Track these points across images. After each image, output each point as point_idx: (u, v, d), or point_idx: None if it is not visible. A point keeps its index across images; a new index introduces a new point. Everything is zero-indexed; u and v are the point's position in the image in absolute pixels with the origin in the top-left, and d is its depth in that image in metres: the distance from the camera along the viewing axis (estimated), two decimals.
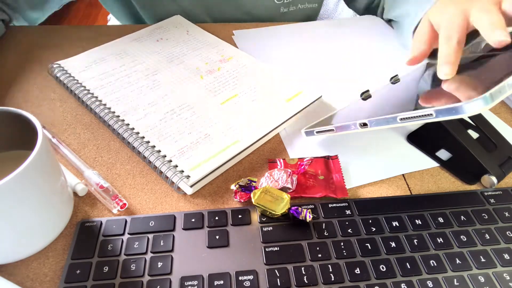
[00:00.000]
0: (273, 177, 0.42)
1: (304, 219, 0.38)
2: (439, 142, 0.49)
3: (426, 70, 0.55)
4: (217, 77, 0.56)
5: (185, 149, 0.44)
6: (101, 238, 0.38)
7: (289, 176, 0.42)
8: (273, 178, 0.42)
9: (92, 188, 0.42)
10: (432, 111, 0.35)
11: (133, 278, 0.35)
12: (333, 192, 0.43)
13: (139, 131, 0.46)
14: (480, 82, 0.37)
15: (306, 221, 0.39)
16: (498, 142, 0.46)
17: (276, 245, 0.38)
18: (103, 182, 0.42)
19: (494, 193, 0.44)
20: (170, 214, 0.40)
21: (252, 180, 0.41)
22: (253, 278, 0.35)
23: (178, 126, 0.47)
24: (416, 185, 0.45)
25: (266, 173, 0.43)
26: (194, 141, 0.46)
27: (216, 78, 0.55)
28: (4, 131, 0.37)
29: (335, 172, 0.45)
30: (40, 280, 0.35)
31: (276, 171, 0.43)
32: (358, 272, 0.36)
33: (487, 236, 0.39)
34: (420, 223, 0.40)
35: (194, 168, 0.42)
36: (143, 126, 0.47)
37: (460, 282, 0.36)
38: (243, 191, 0.41)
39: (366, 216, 0.40)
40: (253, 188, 0.41)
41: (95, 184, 0.42)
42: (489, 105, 0.33)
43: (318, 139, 0.49)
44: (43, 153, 0.33)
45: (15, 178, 0.31)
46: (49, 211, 0.36)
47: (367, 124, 0.41)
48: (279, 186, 0.41)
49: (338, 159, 0.46)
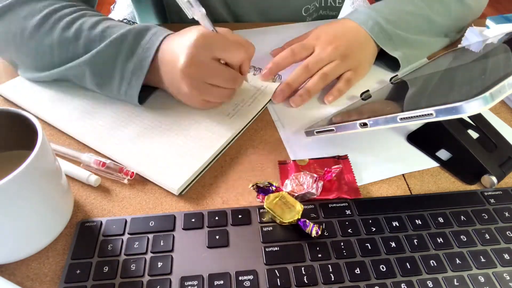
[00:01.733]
0: (299, 180, 0.42)
1: (309, 233, 0.38)
2: (439, 142, 0.49)
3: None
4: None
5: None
6: (101, 238, 0.38)
7: (315, 181, 0.41)
8: (298, 181, 0.42)
9: (94, 168, 0.42)
10: (432, 111, 0.35)
11: (133, 278, 0.35)
12: (346, 193, 0.42)
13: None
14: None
15: (311, 235, 0.38)
16: (498, 142, 0.46)
17: (276, 245, 0.38)
18: (103, 159, 0.42)
19: (494, 193, 0.44)
20: (170, 214, 0.40)
21: (271, 183, 0.41)
22: (253, 278, 0.35)
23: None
24: (416, 185, 0.45)
25: (292, 175, 0.42)
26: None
27: None
28: (4, 131, 0.37)
29: (347, 172, 0.45)
30: (40, 280, 0.35)
31: (302, 175, 0.42)
32: (358, 272, 0.36)
33: (487, 236, 0.39)
34: (420, 223, 0.40)
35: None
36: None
37: (460, 282, 0.36)
38: (259, 193, 0.41)
39: (366, 216, 0.40)
40: (270, 192, 0.40)
41: (96, 164, 0.42)
42: (489, 105, 0.33)
43: (318, 139, 0.49)
44: (43, 153, 0.33)
45: (15, 178, 0.31)
46: (49, 211, 0.36)
47: (367, 124, 0.41)
48: (304, 191, 0.41)
49: (348, 159, 0.46)
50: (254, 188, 0.41)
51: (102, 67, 0.47)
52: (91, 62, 0.46)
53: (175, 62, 0.44)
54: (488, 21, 0.65)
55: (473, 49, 0.57)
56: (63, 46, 0.47)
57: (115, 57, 0.46)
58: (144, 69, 0.46)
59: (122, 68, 0.46)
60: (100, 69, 0.47)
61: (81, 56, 0.47)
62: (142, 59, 0.46)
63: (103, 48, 0.46)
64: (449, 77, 0.48)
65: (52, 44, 0.47)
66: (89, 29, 0.47)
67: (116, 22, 0.49)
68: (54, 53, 0.48)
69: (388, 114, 0.39)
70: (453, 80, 0.46)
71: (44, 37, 0.47)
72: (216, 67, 0.44)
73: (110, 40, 0.46)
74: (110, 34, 0.46)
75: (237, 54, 0.45)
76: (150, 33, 0.47)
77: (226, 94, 0.48)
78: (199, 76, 0.44)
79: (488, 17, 0.65)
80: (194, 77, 0.44)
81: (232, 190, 0.43)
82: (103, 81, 0.48)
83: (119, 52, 0.46)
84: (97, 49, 0.46)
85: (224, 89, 0.47)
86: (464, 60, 0.52)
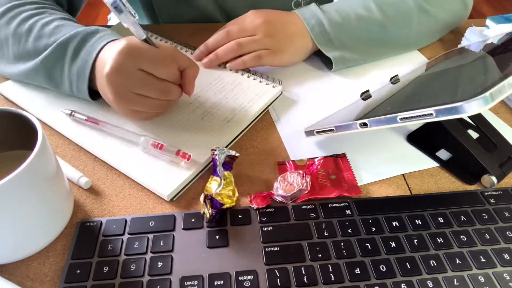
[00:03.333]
0: (287, 180, 0.42)
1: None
2: (439, 142, 0.49)
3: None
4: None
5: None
6: (101, 238, 0.38)
7: (303, 177, 0.42)
8: (287, 182, 0.42)
9: (152, 150, 0.44)
10: (432, 111, 0.35)
11: (133, 278, 0.35)
12: (346, 191, 0.42)
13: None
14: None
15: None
16: (498, 142, 0.46)
17: (276, 245, 0.38)
18: (161, 142, 0.44)
19: (494, 193, 0.44)
20: (170, 214, 0.40)
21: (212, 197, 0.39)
22: (253, 278, 0.35)
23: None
24: (416, 185, 0.45)
25: (279, 177, 0.42)
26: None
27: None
28: (4, 131, 0.38)
29: (345, 170, 0.45)
30: (40, 280, 0.35)
31: (289, 174, 0.42)
32: (358, 272, 0.36)
33: (487, 236, 0.39)
34: (420, 223, 0.40)
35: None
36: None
37: (460, 282, 0.36)
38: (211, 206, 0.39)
39: (366, 216, 0.40)
40: (219, 205, 0.39)
41: (154, 146, 0.43)
42: (489, 105, 0.33)
43: (318, 139, 0.49)
44: (43, 153, 0.33)
45: (15, 178, 0.31)
46: (49, 211, 0.36)
47: (367, 124, 0.41)
48: (295, 189, 0.41)
49: (347, 157, 0.46)
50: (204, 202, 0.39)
51: (52, 70, 0.47)
52: (43, 65, 0.47)
53: (103, 68, 0.42)
54: (488, 21, 0.65)
55: (473, 49, 0.57)
56: (16, 40, 0.48)
57: (62, 59, 0.46)
58: (86, 72, 0.45)
59: (69, 70, 0.47)
60: (51, 72, 0.48)
61: (30, 51, 0.48)
62: (84, 62, 0.45)
63: (52, 49, 0.46)
64: (449, 77, 0.48)
65: (7, 36, 0.49)
66: (42, 26, 0.48)
67: (71, 22, 0.49)
68: (9, 45, 0.49)
69: (388, 114, 0.39)
70: (453, 80, 0.46)
71: (2, 28, 0.49)
72: (142, 78, 0.42)
73: (57, 42, 0.46)
74: (59, 32, 0.47)
75: (165, 69, 0.43)
76: (96, 36, 0.46)
77: (158, 105, 0.45)
78: (125, 85, 0.42)
79: (488, 17, 0.65)
80: (118, 85, 0.42)
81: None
82: (56, 83, 0.49)
83: (65, 54, 0.46)
84: (46, 52, 0.46)
85: (154, 99, 0.44)
86: (464, 60, 0.52)
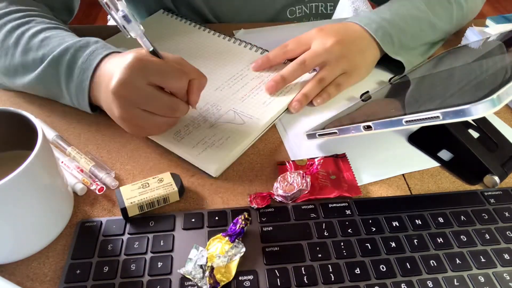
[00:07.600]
0: (287, 180, 0.42)
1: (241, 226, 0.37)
2: (441, 142, 0.48)
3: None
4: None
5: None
6: (101, 238, 0.38)
7: (303, 177, 0.42)
8: (287, 182, 0.42)
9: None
10: (438, 113, 0.35)
11: (133, 278, 0.35)
12: (346, 191, 0.42)
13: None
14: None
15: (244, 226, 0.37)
16: (499, 142, 0.46)
17: (276, 245, 0.38)
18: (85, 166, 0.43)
19: (494, 193, 0.44)
20: (170, 214, 0.40)
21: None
22: (253, 278, 0.35)
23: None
24: (416, 185, 0.45)
25: (279, 177, 0.42)
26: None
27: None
28: (4, 131, 0.38)
29: (346, 170, 0.45)
30: (40, 280, 0.35)
31: (289, 174, 0.42)
32: (358, 272, 0.36)
33: (487, 236, 0.39)
34: (420, 223, 0.40)
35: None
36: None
37: (460, 282, 0.36)
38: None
39: (366, 216, 0.40)
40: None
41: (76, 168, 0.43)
42: (496, 107, 0.33)
43: (318, 140, 0.49)
44: (43, 153, 0.33)
45: (15, 178, 0.31)
46: (49, 211, 0.36)
47: (371, 127, 0.40)
48: (295, 189, 0.41)
49: (347, 157, 0.46)
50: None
51: (50, 87, 0.48)
52: (39, 81, 0.47)
53: (109, 82, 0.41)
54: (488, 21, 0.65)
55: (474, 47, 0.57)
56: (3, 51, 0.48)
57: (57, 78, 0.47)
58: (85, 91, 0.45)
59: (67, 89, 0.47)
60: (49, 89, 0.48)
61: (17, 65, 0.48)
62: (81, 81, 0.45)
63: (45, 67, 0.46)
64: (450, 77, 0.48)
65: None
66: (29, 38, 0.47)
67: (59, 32, 0.49)
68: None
69: (392, 116, 0.38)
70: (455, 80, 0.46)
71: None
72: (150, 93, 0.41)
73: (48, 60, 0.46)
74: (47, 45, 0.46)
75: (175, 82, 0.42)
76: (88, 51, 0.46)
77: (164, 122, 0.44)
78: (132, 100, 0.41)
79: (488, 17, 0.65)
80: (125, 100, 0.41)
81: (232, 190, 0.43)
82: (59, 98, 0.49)
83: (58, 72, 0.46)
84: (39, 69, 0.46)
85: (161, 117, 0.43)
86: (465, 60, 0.52)
